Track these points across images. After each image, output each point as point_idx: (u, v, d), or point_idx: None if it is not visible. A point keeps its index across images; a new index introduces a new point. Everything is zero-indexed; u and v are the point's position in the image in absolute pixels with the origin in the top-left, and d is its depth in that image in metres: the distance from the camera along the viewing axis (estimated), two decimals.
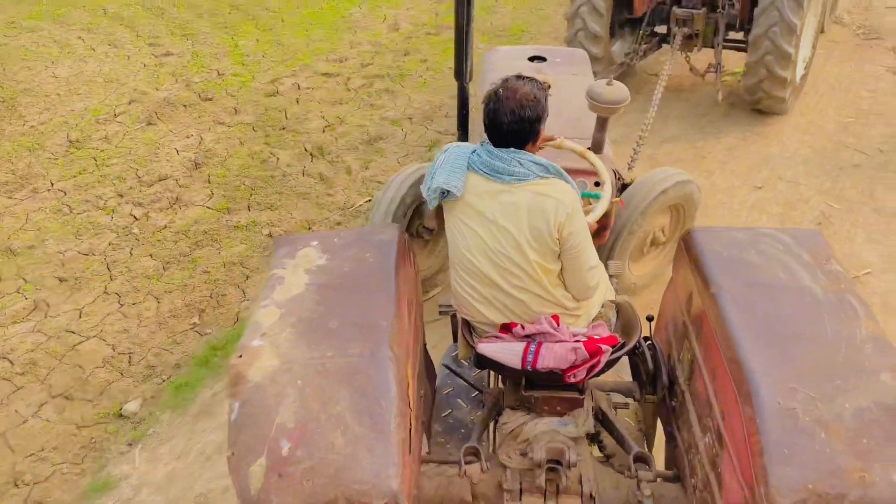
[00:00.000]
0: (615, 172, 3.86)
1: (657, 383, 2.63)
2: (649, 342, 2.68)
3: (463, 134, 4.56)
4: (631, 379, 2.83)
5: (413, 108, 6.87)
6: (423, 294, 4.34)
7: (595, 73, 6.00)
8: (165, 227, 5.36)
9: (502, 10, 8.85)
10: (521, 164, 2.37)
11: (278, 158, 6.17)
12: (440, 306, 2.89)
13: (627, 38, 6.64)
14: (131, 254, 5.08)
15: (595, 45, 6.19)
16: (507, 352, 2.45)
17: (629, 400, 2.83)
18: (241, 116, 6.83)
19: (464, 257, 2.48)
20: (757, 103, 6.16)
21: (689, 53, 6.14)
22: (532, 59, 4.42)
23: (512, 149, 2.40)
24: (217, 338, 4.40)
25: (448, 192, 2.41)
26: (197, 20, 9.04)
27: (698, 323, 2.35)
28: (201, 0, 9.63)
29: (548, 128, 2.51)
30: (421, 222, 4.33)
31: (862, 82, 6.77)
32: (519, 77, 2.43)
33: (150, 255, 5.07)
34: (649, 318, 2.76)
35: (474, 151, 2.44)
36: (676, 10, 5.98)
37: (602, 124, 3.40)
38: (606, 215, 3.16)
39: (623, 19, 6.48)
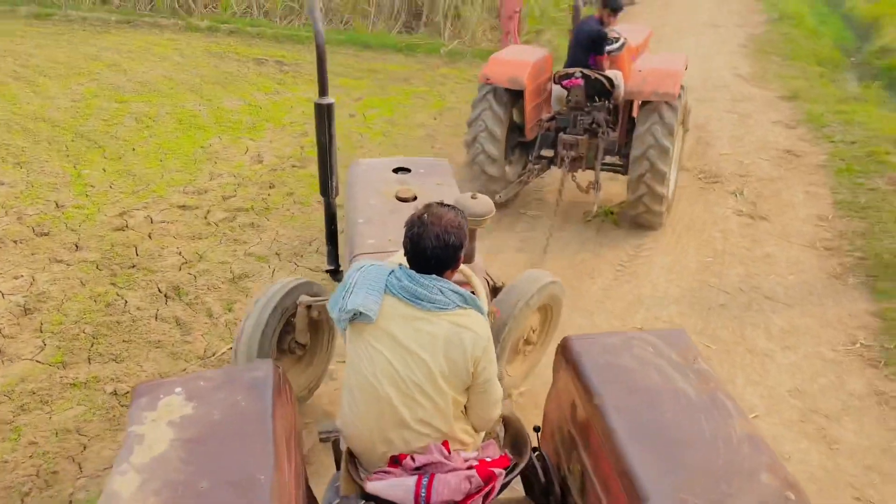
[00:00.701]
0: (487, 277, 4.06)
1: (550, 497, 2.56)
2: (538, 453, 2.64)
3: (333, 249, 4.44)
4: (523, 493, 2.72)
5: (280, 244, 6.47)
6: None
7: (494, 192, 6.75)
8: None
9: (368, 146, 8.81)
10: (441, 292, 2.38)
11: (126, 301, 5.49)
12: (320, 433, 2.66)
13: (519, 160, 7.35)
14: None
15: (493, 167, 6.90)
16: (398, 488, 2.30)
17: None
18: (82, 253, 6.11)
19: (367, 383, 2.40)
20: (637, 217, 6.83)
21: (574, 174, 6.89)
22: (396, 170, 4.41)
23: (433, 275, 2.41)
24: None
25: (361, 313, 2.35)
26: (33, 147, 8.27)
27: (585, 433, 2.39)
28: (40, 126, 8.88)
29: None
30: (292, 337, 4.08)
31: (713, 223, 7.18)
32: (441, 204, 2.51)
33: None
34: (536, 430, 2.74)
35: (392, 273, 2.43)
36: (563, 135, 6.74)
37: (471, 235, 3.47)
38: None
39: (515, 143, 7.24)
